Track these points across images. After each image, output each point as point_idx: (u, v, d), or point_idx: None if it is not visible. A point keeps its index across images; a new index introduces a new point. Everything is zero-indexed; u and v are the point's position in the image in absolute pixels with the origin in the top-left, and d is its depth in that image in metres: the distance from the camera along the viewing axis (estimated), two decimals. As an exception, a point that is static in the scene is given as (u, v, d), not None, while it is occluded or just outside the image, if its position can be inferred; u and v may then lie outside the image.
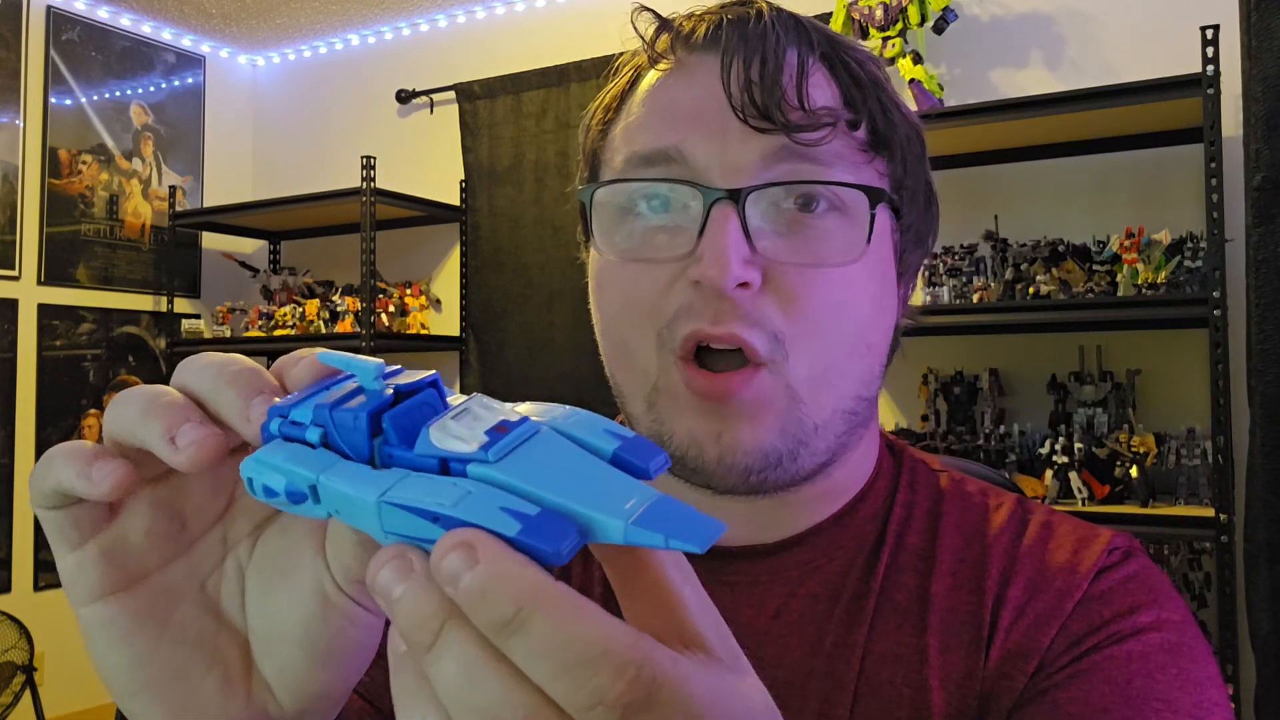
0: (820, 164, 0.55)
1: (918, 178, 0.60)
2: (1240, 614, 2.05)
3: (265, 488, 0.30)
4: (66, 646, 3.30)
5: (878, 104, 0.57)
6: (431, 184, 3.53)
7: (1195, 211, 2.30)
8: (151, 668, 0.36)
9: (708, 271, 0.52)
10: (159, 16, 3.65)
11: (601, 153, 0.63)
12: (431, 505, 0.27)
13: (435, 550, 0.26)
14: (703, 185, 0.54)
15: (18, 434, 3.27)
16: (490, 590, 0.25)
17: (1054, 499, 2.28)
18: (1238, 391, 2.15)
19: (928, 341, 2.66)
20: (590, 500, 0.27)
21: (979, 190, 2.64)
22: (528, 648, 0.25)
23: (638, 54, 0.62)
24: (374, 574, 0.27)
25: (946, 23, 2.55)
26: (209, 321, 3.69)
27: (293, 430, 0.31)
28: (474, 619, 0.26)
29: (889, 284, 0.60)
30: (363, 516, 0.29)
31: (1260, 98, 1.76)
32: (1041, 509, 0.63)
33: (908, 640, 0.57)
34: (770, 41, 0.56)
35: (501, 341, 3.39)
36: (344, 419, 0.30)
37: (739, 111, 0.54)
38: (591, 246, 0.61)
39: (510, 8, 3.50)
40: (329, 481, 0.29)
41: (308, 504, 0.30)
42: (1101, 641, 0.54)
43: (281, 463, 0.30)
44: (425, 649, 0.26)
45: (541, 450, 0.29)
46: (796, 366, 0.54)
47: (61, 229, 3.41)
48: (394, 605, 0.27)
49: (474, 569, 0.25)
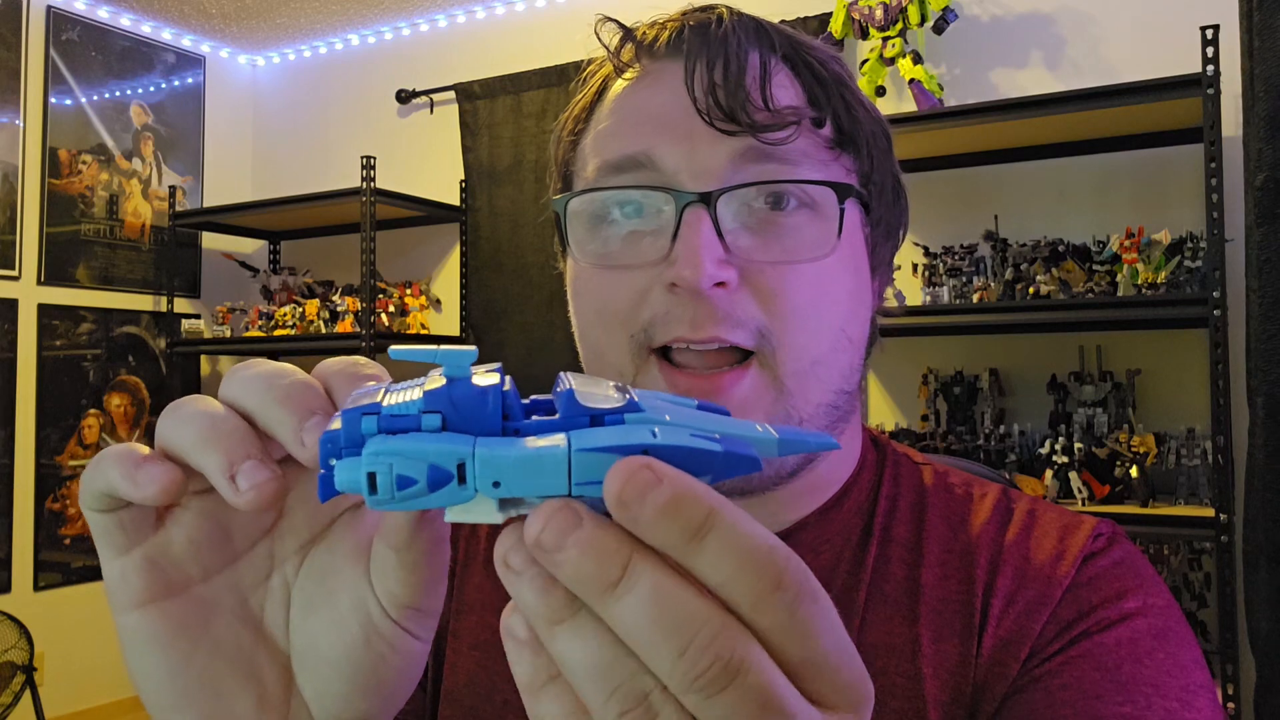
0: (788, 163, 0.56)
1: (885, 172, 0.61)
2: (1240, 614, 2.05)
3: (401, 478, 0.28)
4: (66, 646, 3.31)
5: (841, 101, 0.58)
6: (431, 184, 3.53)
7: (1195, 211, 2.30)
8: (186, 679, 0.36)
9: (683, 273, 0.53)
10: (159, 16, 3.65)
11: (573, 163, 0.64)
12: (637, 440, 0.28)
13: (611, 482, 0.26)
14: (674, 189, 0.55)
15: (18, 434, 3.27)
16: (679, 502, 0.26)
17: (1054, 499, 2.28)
18: (1238, 391, 2.15)
19: (928, 341, 2.66)
20: (738, 426, 0.30)
21: (979, 190, 2.64)
22: (718, 549, 0.26)
23: (604, 64, 0.63)
24: (536, 531, 0.27)
25: (946, 23, 2.55)
26: (209, 321, 3.69)
27: (398, 423, 0.30)
28: (661, 538, 0.26)
29: (863, 277, 0.61)
30: (543, 474, 0.28)
31: (1262, 97, 1.76)
32: (1025, 498, 0.64)
33: (899, 630, 0.58)
34: (732, 45, 0.56)
35: (501, 341, 3.39)
36: (469, 398, 0.29)
37: (705, 115, 0.55)
38: (568, 255, 0.62)
39: (510, 8, 3.50)
40: (490, 450, 0.28)
41: (450, 487, 0.28)
42: (1091, 628, 0.55)
43: (415, 446, 0.29)
44: (609, 587, 0.26)
45: (660, 402, 0.30)
46: (785, 360, 0.55)
47: (61, 229, 3.41)
48: (566, 556, 0.27)
49: (659, 486, 0.26)
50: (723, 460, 0.28)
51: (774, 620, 0.26)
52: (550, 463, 0.28)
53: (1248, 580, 1.89)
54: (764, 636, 0.27)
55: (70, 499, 3.40)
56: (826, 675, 0.27)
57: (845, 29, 2.60)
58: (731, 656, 0.26)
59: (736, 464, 0.28)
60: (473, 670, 0.64)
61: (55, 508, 3.36)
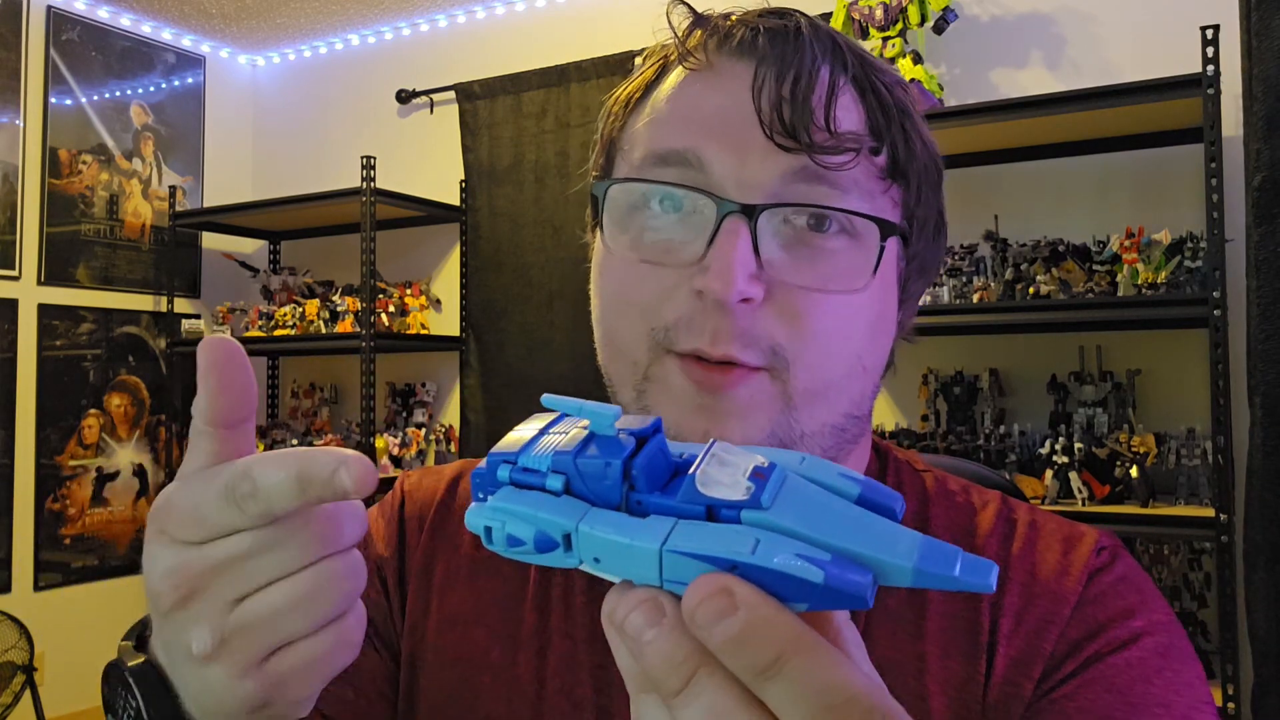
0: (838, 188, 0.54)
1: (930, 207, 0.60)
2: (1240, 614, 2.05)
3: (510, 537, 0.30)
4: (66, 646, 3.31)
5: (901, 132, 0.57)
6: (431, 184, 3.53)
7: (1195, 211, 2.30)
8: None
9: (712, 284, 0.52)
10: (159, 16, 3.65)
11: (620, 142, 0.62)
12: (726, 553, 0.27)
13: (689, 596, 0.26)
14: (717, 196, 0.54)
15: (17, 434, 3.27)
16: (751, 636, 0.26)
17: (1054, 499, 2.28)
18: (1238, 391, 2.15)
19: (928, 341, 2.66)
20: (870, 543, 0.27)
21: (979, 190, 2.64)
22: (786, 692, 0.26)
23: (667, 46, 0.61)
24: (623, 616, 0.27)
25: (946, 23, 2.55)
26: (209, 321, 3.69)
27: (527, 478, 0.31)
28: (729, 663, 0.26)
29: (889, 310, 0.60)
30: (635, 564, 0.28)
31: (1261, 97, 1.76)
32: (1024, 507, 0.64)
33: (904, 646, 0.57)
34: (807, 60, 0.55)
35: (501, 341, 3.39)
36: (592, 467, 0.30)
37: (766, 127, 0.54)
38: (599, 235, 0.61)
39: (510, 8, 3.50)
40: (591, 530, 0.29)
41: (557, 553, 0.29)
42: (1101, 649, 0.56)
43: (528, 510, 0.30)
44: (674, 693, 0.27)
45: (800, 495, 0.29)
46: (796, 377, 0.54)
47: (61, 229, 3.41)
48: (644, 648, 0.27)
49: (733, 615, 0.26)
50: (821, 593, 0.26)
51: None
52: (642, 557, 0.28)
53: (1247, 580, 1.89)
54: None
55: (70, 499, 3.40)
56: None
57: (845, 29, 2.60)
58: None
59: (838, 599, 0.27)
60: (455, 686, 0.63)
61: (55, 508, 3.36)
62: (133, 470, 3.58)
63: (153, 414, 3.65)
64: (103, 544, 3.48)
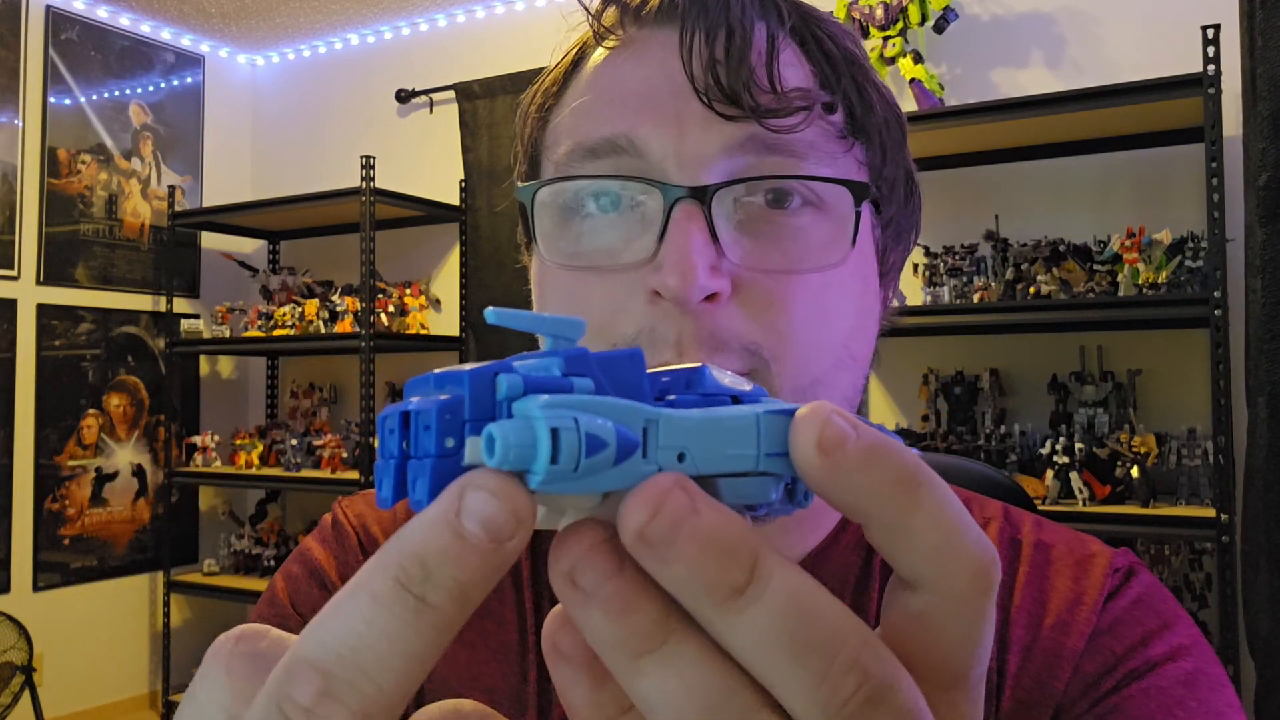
0: (793, 155, 0.48)
1: (897, 166, 0.54)
2: (1241, 614, 2.04)
3: (590, 438, 0.21)
4: (66, 646, 3.30)
5: (854, 85, 0.51)
6: (431, 184, 3.53)
7: (1196, 211, 2.29)
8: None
9: (668, 280, 0.45)
10: (158, 16, 3.64)
11: (541, 144, 0.56)
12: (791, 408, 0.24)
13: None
14: (659, 181, 0.48)
15: (17, 434, 3.27)
16: (888, 448, 0.22)
17: (1055, 499, 2.28)
18: (1238, 392, 2.15)
19: (928, 341, 2.66)
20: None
21: (979, 190, 2.64)
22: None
23: (584, 32, 0.55)
24: (639, 522, 0.21)
25: (947, 22, 2.55)
26: (208, 321, 3.69)
27: (549, 384, 0.23)
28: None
29: (871, 287, 0.53)
30: (733, 443, 0.23)
31: (1265, 96, 1.76)
32: (1029, 523, 0.58)
33: None
34: (735, 13, 0.49)
35: (501, 342, 3.38)
36: (619, 362, 0.24)
37: (702, 94, 0.47)
38: (533, 250, 0.54)
39: (510, 8, 3.50)
40: (677, 415, 0.23)
41: (635, 458, 0.22)
42: (1119, 683, 0.51)
43: (594, 401, 0.22)
44: (734, 593, 0.21)
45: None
46: (780, 376, 0.48)
47: (60, 229, 3.41)
48: (680, 552, 0.21)
49: (857, 438, 0.22)
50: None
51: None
52: (740, 429, 0.23)
53: (1246, 581, 1.89)
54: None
55: (69, 499, 3.40)
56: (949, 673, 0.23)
57: (845, 28, 2.59)
58: (881, 677, 0.21)
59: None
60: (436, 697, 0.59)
61: (54, 508, 3.36)
62: (132, 470, 3.58)
63: (152, 414, 3.65)
64: (102, 544, 3.47)
